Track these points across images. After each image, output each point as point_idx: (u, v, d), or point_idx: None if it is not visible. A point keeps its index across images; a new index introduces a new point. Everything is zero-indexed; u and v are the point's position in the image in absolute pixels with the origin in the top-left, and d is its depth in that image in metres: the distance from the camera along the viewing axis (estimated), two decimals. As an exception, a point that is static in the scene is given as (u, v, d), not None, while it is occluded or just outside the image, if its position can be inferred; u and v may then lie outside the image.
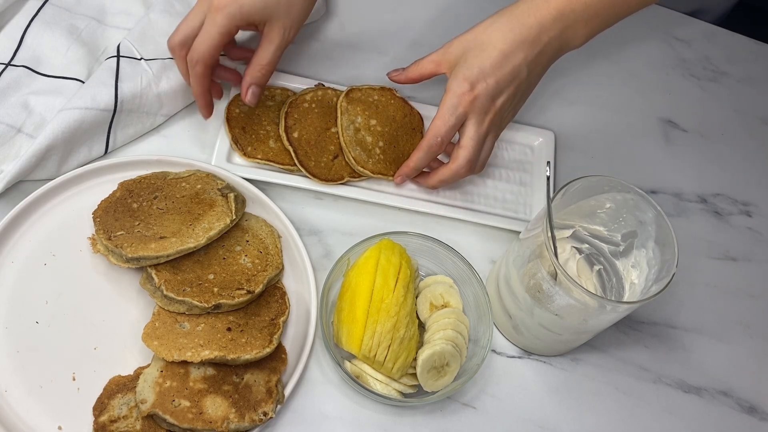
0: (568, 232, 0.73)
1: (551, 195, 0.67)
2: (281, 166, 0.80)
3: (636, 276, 0.70)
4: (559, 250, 0.68)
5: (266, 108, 0.84)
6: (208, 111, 0.79)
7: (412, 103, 0.87)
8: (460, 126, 0.74)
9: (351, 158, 0.80)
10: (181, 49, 0.75)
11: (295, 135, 0.81)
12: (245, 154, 0.80)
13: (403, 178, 0.81)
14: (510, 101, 0.74)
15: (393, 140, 0.83)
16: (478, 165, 0.78)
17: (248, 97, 0.77)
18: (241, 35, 0.83)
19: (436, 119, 0.74)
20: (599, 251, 0.73)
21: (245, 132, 0.81)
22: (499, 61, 0.71)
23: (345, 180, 0.81)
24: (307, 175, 0.79)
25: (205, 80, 0.75)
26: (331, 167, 0.81)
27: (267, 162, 0.80)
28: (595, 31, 0.73)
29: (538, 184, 0.87)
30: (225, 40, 0.73)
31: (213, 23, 0.71)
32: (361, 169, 0.80)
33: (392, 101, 0.86)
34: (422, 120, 0.86)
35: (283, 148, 0.81)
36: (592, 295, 0.64)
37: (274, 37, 0.75)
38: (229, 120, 0.81)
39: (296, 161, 0.79)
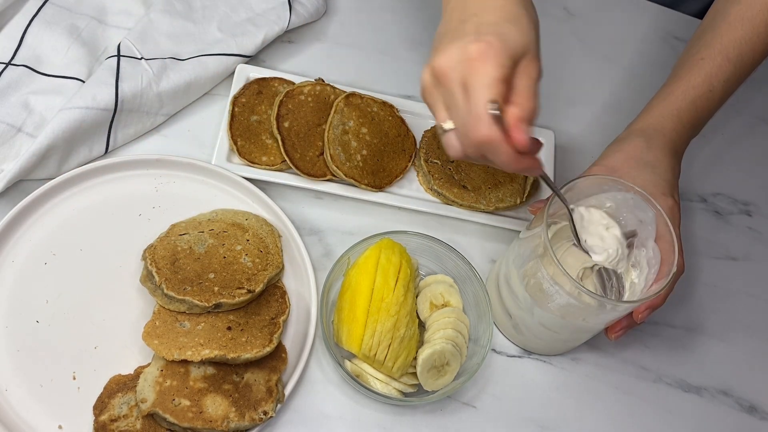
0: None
1: (553, 181, 0.64)
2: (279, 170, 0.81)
3: (636, 275, 0.70)
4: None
5: (268, 116, 0.84)
6: (537, 167, 0.64)
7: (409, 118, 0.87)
8: None
9: (329, 155, 0.80)
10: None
11: (286, 125, 0.81)
12: (247, 161, 0.80)
13: (625, 331, 0.72)
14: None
15: (378, 153, 0.83)
16: None
17: (523, 137, 0.59)
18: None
19: (664, 244, 0.68)
20: (599, 251, 0.73)
21: (246, 141, 0.81)
22: (672, 174, 0.74)
23: (327, 177, 0.81)
24: (291, 165, 0.79)
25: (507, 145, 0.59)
26: (315, 162, 0.81)
27: (267, 167, 0.81)
28: (707, 120, 0.80)
29: (539, 183, 0.87)
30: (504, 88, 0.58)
31: (484, 75, 0.58)
32: (335, 169, 0.79)
33: (390, 117, 0.86)
34: (415, 143, 0.86)
35: (282, 158, 0.81)
36: (592, 294, 0.64)
37: (533, 71, 0.61)
38: (231, 126, 0.81)
39: (282, 151, 0.79)
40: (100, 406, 0.67)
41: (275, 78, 0.86)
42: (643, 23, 1.03)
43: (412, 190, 0.84)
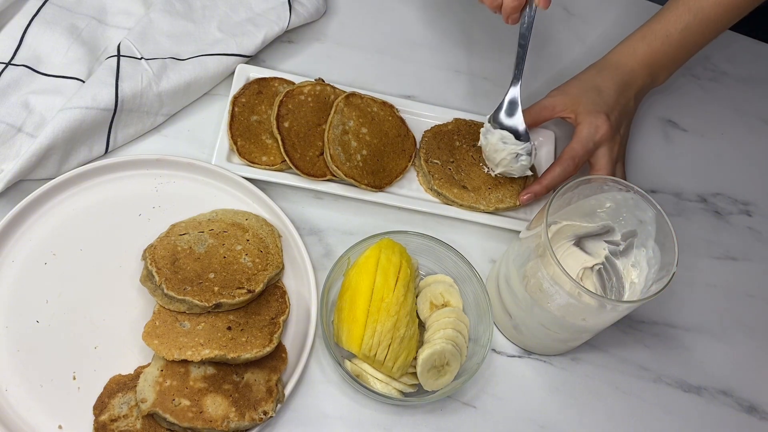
0: (568, 232, 0.73)
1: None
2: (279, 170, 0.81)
3: (636, 275, 0.70)
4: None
5: (268, 116, 0.84)
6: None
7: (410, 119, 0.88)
8: (593, 153, 0.81)
9: (328, 155, 0.80)
10: None
11: (286, 125, 0.81)
12: (247, 161, 0.80)
13: (532, 196, 0.82)
14: (625, 130, 0.85)
15: (378, 153, 0.83)
16: None
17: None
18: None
19: (574, 143, 0.81)
20: (599, 250, 0.73)
21: (246, 141, 0.81)
22: (616, 99, 0.83)
23: (327, 177, 0.81)
24: (291, 165, 0.79)
25: None
26: (315, 162, 0.81)
27: (267, 167, 0.81)
28: (674, 70, 0.88)
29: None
30: None
31: None
32: (335, 169, 0.79)
33: (390, 117, 0.86)
34: (415, 143, 0.86)
35: (282, 158, 0.81)
36: (592, 294, 0.64)
37: None
38: (231, 126, 0.81)
39: (282, 151, 0.79)
40: (100, 406, 0.67)
41: (275, 78, 0.86)
42: (642, 23, 1.03)
43: (412, 190, 0.84)
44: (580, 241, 0.72)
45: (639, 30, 0.86)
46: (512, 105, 0.80)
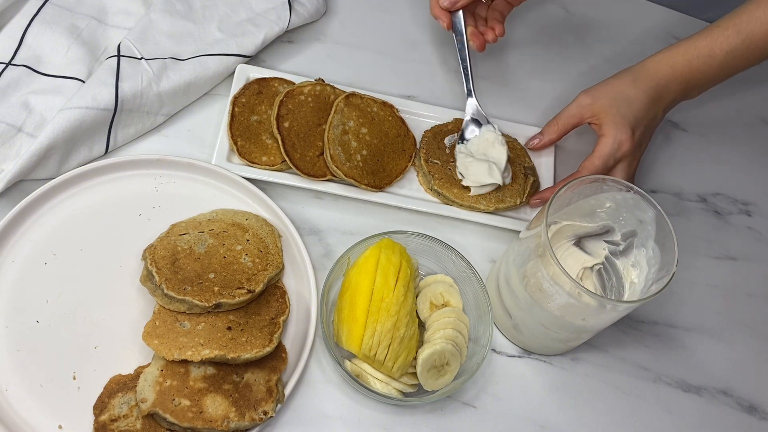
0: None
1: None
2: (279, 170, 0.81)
3: (636, 275, 0.70)
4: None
5: (268, 116, 0.84)
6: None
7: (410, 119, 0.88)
8: (612, 168, 0.81)
9: (329, 155, 0.80)
10: None
11: (286, 125, 0.81)
12: (247, 161, 0.80)
13: (541, 203, 0.84)
14: (645, 145, 0.84)
15: (378, 153, 0.83)
16: None
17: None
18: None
19: (596, 159, 0.80)
20: (599, 250, 0.73)
21: (246, 141, 0.81)
22: (645, 113, 0.81)
23: (327, 177, 0.81)
24: (291, 165, 0.79)
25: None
26: (315, 162, 0.81)
27: (267, 167, 0.81)
28: (708, 89, 0.84)
29: (540, 184, 0.87)
30: None
31: None
32: (335, 169, 0.79)
33: (390, 117, 0.86)
34: (415, 143, 0.86)
35: (282, 158, 0.81)
36: (592, 294, 0.64)
37: None
38: (231, 126, 0.81)
39: (282, 151, 0.79)
40: (100, 406, 0.67)
41: (275, 78, 0.86)
42: (643, 23, 1.03)
43: (412, 190, 0.84)
44: (580, 241, 0.72)
45: (682, 43, 0.82)
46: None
